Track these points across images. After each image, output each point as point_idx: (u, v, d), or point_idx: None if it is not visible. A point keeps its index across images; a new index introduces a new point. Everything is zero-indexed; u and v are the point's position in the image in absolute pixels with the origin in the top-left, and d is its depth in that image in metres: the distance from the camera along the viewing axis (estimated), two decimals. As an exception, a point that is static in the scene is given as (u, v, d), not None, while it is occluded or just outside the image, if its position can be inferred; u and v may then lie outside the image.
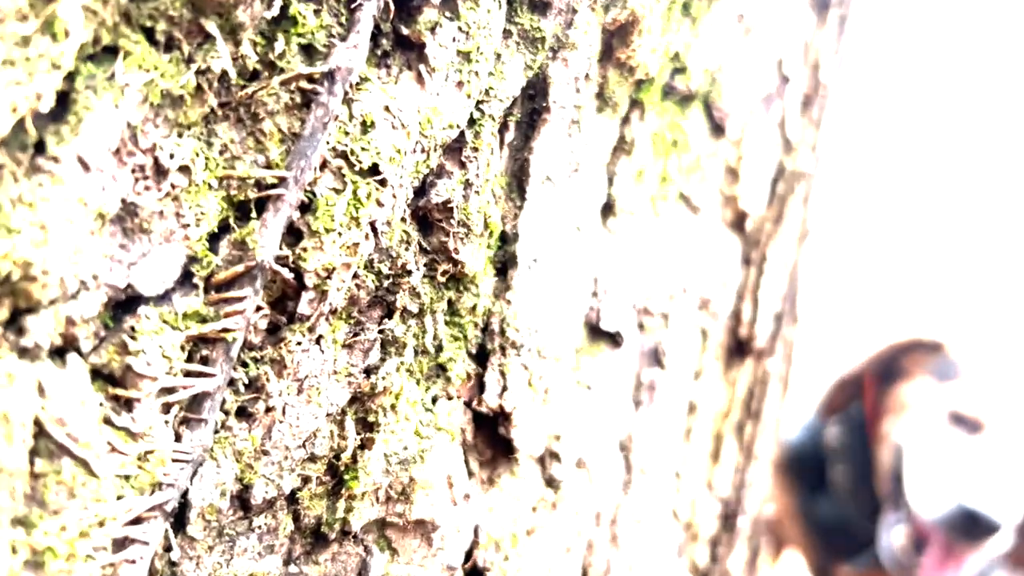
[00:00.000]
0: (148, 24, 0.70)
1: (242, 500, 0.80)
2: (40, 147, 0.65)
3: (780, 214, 1.38)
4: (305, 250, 0.77)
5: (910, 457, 2.12)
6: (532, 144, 0.96)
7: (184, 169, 0.72)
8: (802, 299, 1.56)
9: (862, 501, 2.31)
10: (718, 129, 1.23)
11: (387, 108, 0.80)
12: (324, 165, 0.77)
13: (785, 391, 1.57)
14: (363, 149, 0.78)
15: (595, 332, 1.09)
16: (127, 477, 0.70)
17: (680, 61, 1.13)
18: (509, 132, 0.95)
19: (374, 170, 0.79)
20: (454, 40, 0.84)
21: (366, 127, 0.79)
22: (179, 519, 0.75)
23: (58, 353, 0.68)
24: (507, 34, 0.91)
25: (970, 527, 1.96)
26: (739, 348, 1.37)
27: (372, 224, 0.80)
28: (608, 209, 1.09)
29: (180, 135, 0.72)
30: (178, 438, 0.74)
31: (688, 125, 1.18)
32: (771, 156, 1.34)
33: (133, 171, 0.70)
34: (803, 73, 1.39)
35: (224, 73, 0.74)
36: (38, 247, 0.63)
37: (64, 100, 0.67)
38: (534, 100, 0.96)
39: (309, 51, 0.77)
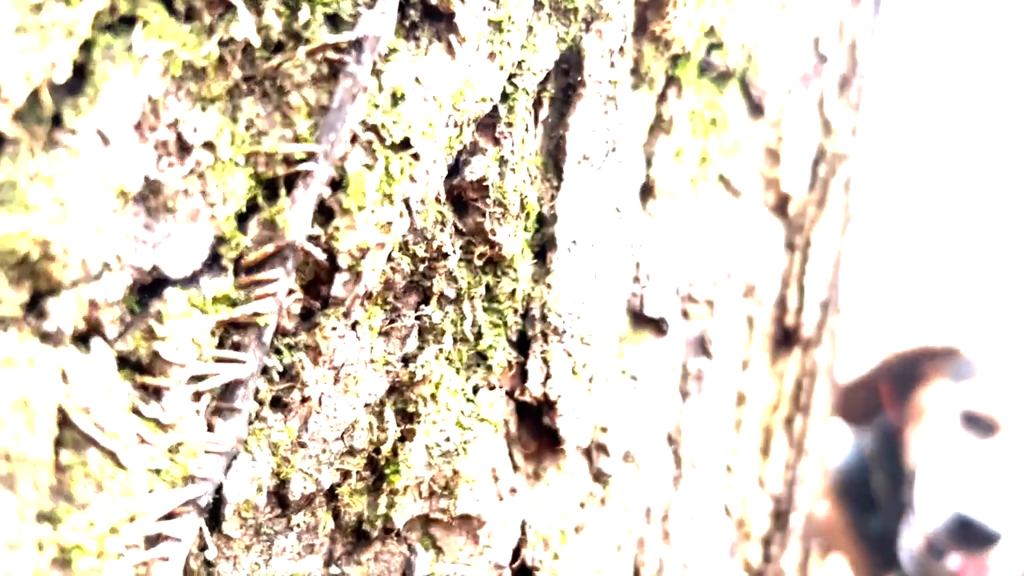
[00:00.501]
0: (167, -7, 0.67)
1: (279, 496, 0.76)
2: (57, 120, 0.62)
3: (823, 198, 1.33)
4: (337, 229, 0.73)
5: (920, 462, 2.06)
6: (568, 120, 0.92)
7: (209, 145, 0.69)
8: (845, 288, 1.50)
9: (897, 510, 2.25)
10: (756, 109, 1.19)
11: (417, 79, 0.76)
12: (354, 139, 0.74)
13: (832, 383, 1.51)
14: (394, 122, 0.75)
15: (638, 319, 1.04)
16: (158, 470, 0.66)
17: (716, 36, 1.09)
18: (543, 109, 0.92)
19: (406, 144, 0.75)
20: (484, 9, 0.81)
21: (396, 99, 0.75)
22: (214, 516, 0.71)
23: (82, 339, 0.64)
24: (538, 6, 0.88)
25: (966, 535, 1.87)
26: (785, 338, 1.31)
27: (406, 201, 0.76)
28: (647, 191, 1.05)
29: (204, 109, 0.69)
30: (210, 429, 0.70)
31: (726, 104, 1.13)
32: (811, 138, 1.29)
33: (155, 147, 0.66)
34: (840, 52, 1.35)
35: (248, 44, 0.70)
36: (57, 224, 0.60)
37: (81, 72, 0.64)
38: (568, 75, 0.92)
39: (335, 21, 0.74)
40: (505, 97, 0.85)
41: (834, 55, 1.32)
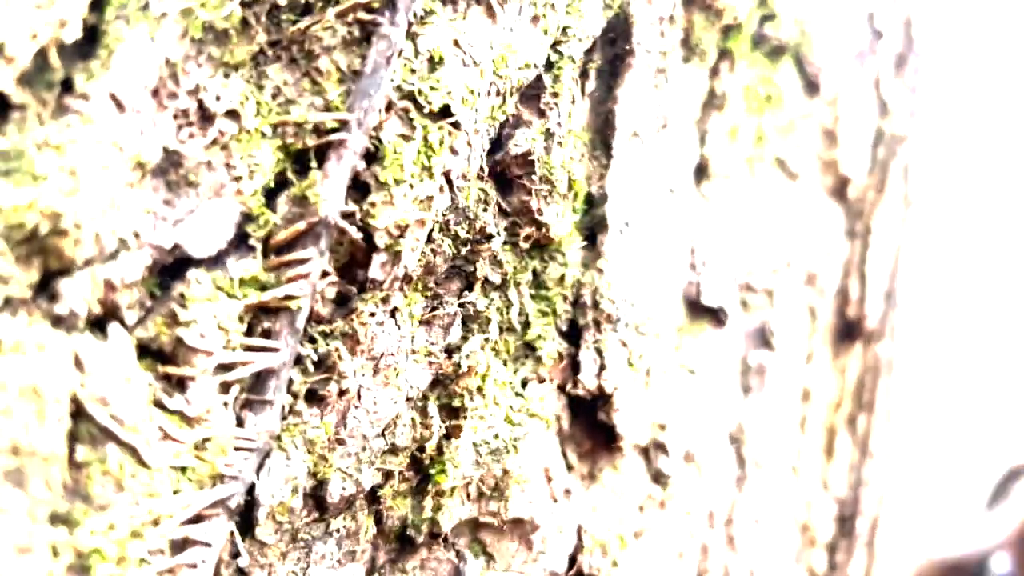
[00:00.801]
0: (185, -52, 0.61)
1: (317, 498, 0.69)
2: (67, 85, 0.57)
3: (883, 181, 1.25)
4: (374, 205, 0.67)
5: None
6: (616, 93, 0.86)
7: (232, 114, 0.63)
8: (907, 280, 1.42)
9: None
10: (812, 86, 1.12)
11: (456, 43, 0.70)
12: (389, 107, 0.68)
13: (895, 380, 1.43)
14: (432, 88, 0.69)
15: (695, 309, 0.97)
16: (183, 468, 0.60)
17: (768, 7, 1.02)
18: (590, 81, 0.85)
19: (445, 112, 0.69)
20: (526, -31, 0.75)
21: (434, 64, 0.69)
22: (246, 520, 0.65)
23: (98, 324, 0.58)
24: (582, -31, 0.82)
25: None
26: (847, 331, 1.23)
27: (446, 175, 0.70)
28: (701, 171, 0.98)
29: (227, 76, 0.63)
30: (240, 423, 0.64)
31: (781, 79, 1.07)
32: (868, 118, 1.22)
33: (175, 116, 0.61)
34: (895, 29, 1.28)
35: (273, 5, 0.65)
36: (68, 196, 0.54)
37: (93, 33, 0.59)
38: (615, 45, 0.86)
39: (366, -20, 0.68)
40: (550, 66, 0.79)
41: (889, 31, 1.25)
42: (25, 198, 0.53)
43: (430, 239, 0.72)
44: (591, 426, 0.86)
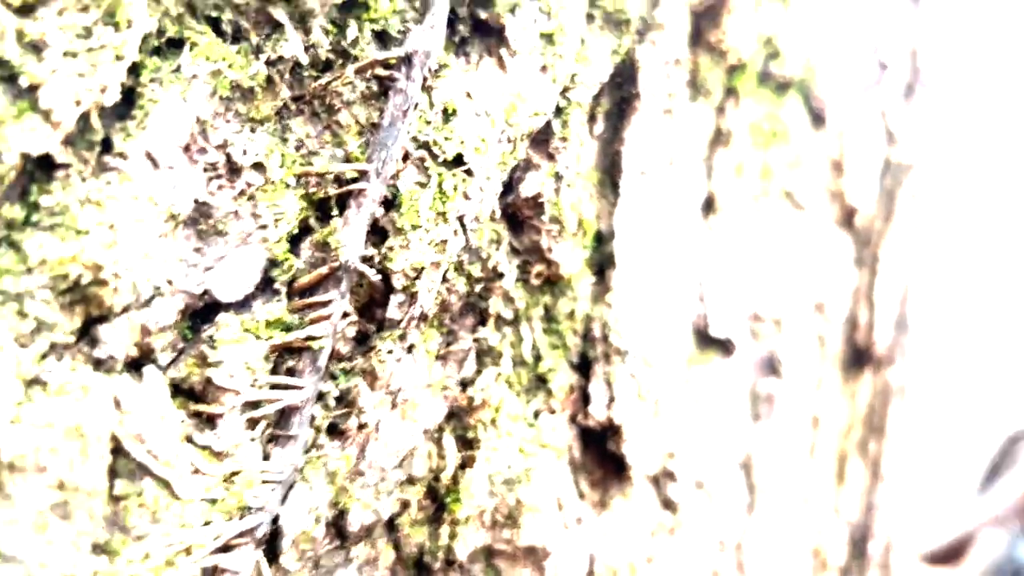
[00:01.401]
0: (214, 14, 0.66)
1: (338, 527, 0.73)
2: (107, 144, 0.61)
3: (890, 210, 1.28)
4: (391, 249, 0.71)
5: None
6: (623, 135, 0.89)
7: (259, 166, 0.67)
8: (916, 305, 1.44)
9: None
10: (818, 119, 1.15)
11: (469, 94, 0.74)
12: (406, 157, 0.72)
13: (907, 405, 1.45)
14: (446, 139, 0.73)
15: (704, 339, 1.00)
16: (213, 500, 0.64)
17: (773, 46, 1.06)
18: (597, 124, 0.89)
19: (459, 160, 0.73)
20: (535, 21, 0.79)
21: (448, 115, 0.73)
22: (271, 548, 0.69)
23: (134, 366, 0.63)
24: (590, 18, 0.86)
25: None
26: (857, 357, 1.26)
27: (460, 219, 0.74)
28: (708, 206, 1.01)
29: (253, 130, 0.68)
30: (266, 457, 0.68)
31: (787, 115, 1.10)
32: (876, 148, 1.25)
33: (205, 169, 0.65)
34: (901, 59, 1.31)
35: (296, 64, 0.69)
36: (108, 249, 0.59)
37: (130, 96, 0.63)
38: (622, 88, 0.90)
39: (383, 38, 0.73)
40: (559, 112, 0.83)
41: (895, 62, 1.28)
42: (69, 251, 0.57)
43: (445, 279, 0.76)
44: (602, 455, 0.90)
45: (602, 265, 0.89)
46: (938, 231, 1.44)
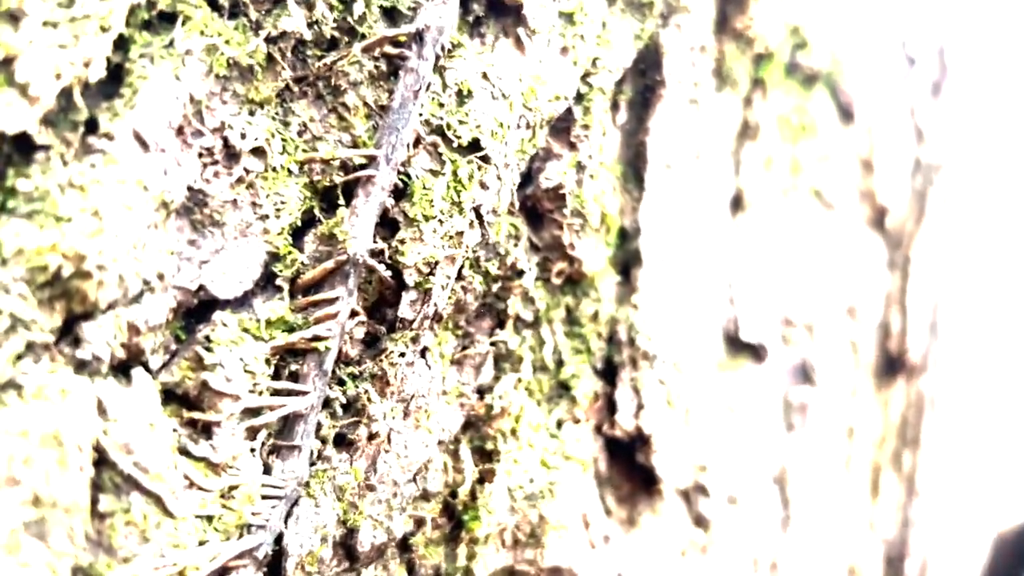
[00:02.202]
0: (209, -14, 0.61)
1: (347, 547, 0.67)
2: (92, 125, 0.56)
3: (922, 210, 1.22)
4: (403, 242, 0.66)
5: None
6: (648, 124, 0.84)
7: (258, 151, 0.62)
8: (949, 310, 1.38)
9: None
10: (846, 115, 1.10)
11: (485, 76, 0.69)
12: (418, 142, 0.66)
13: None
14: (461, 122, 0.67)
15: (734, 344, 0.94)
16: (209, 517, 0.58)
17: (800, 35, 1.00)
18: (620, 113, 0.84)
19: (475, 146, 0.68)
20: (554, 0, 0.74)
21: (463, 97, 0.68)
22: (274, 570, 0.63)
23: (122, 368, 0.57)
24: (611, 1, 0.80)
25: None
26: (889, 365, 1.20)
27: (477, 210, 0.68)
28: (737, 202, 0.96)
29: (252, 112, 0.62)
30: (267, 470, 0.62)
31: (814, 108, 1.05)
32: (905, 146, 1.19)
33: (200, 154, 0.60)
34: (929, 56, 1.25)
35: (298, 41, 0.64)
36: (92, 238, 0.53)
37: (118, 73, 0.58)
38: (646, 75, 0.84)
39: (392, 14, 0.67)
40: (580, 98, 0.77)
41: (923, 59, 1.23)
42: (48, 240, 0.52)
43: (460, 276, 0.70)
44: (629, 468, 0.83)
45: (627, 263, 0.83)
46: (970, 233, 1.38)
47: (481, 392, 0.75)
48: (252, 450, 0.60)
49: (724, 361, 0.93)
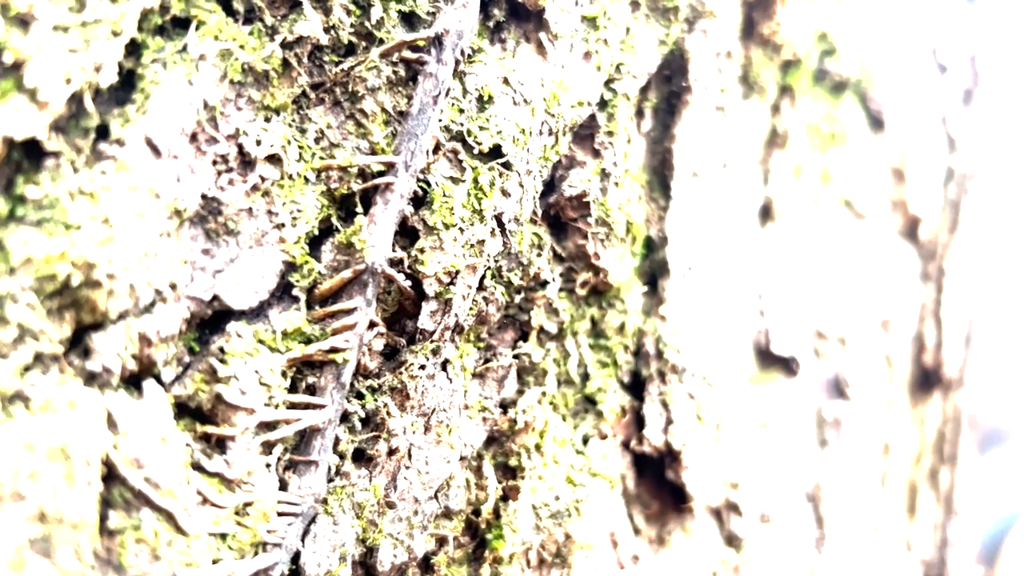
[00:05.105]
0: (224, -10, 0.59)
1: (366, 567, 0.65)
2: (103, 131, 0.55)
3: (955, 221, 1.19)
4: (422, 251, 0.64)
5: None
6: (674, 131, 0.81)
7: (274, 159, 0.60)
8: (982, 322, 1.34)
9: None
10: (876, 123, 1.07)
11: (506, 81, 0.67)
12: (437, 149, 0.65)
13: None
14: (481, 128, 0.65)
15: (765, 357, 0.92)
16: (223, 535, 0.56)
17: (829, 42, 0.98)
18: (645, 120, 0.82)
19: (496, 152, 0.66)
20: (577, 3, 0.72)
21: (483, 103, 0.66)
22: (290, 590, 0.61)
23: (133, 381, 0.55)
24: (635, 5, 0.78)
25: None
26: (924, 379, 1.16)
27: (498, 218, 0.66)
28: (766, 212, 0.93)
29: (267, 119, 0.60)
30: (283, 486, 0.60)
31: (844, 116, 1.02)
32: (937, 155, 1.16)
33: (214, 161, 0.58)
34: (961, 63, 1.22)
35: (315, 46, 0.62)
36: (102, 246, 0.52)
37: (130, 79, 0.56)
38: (671, 81, 0.82)
39: (410, 18, 0.66)
40: (604, 104, 0.76)
41: (954, 66, 1.20)
42: (57, 248, 0.50)
43: (482, 286, 0.68)
44: (659, 485, 0.81)
45: (654, 274, 0.81)
46: (1005, 243, 1.34)
47: (504, 406, 0.73)
48: (268, 465, 0.59)
49: (755, 375, 0.90)
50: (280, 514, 0.58)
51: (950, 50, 1.19)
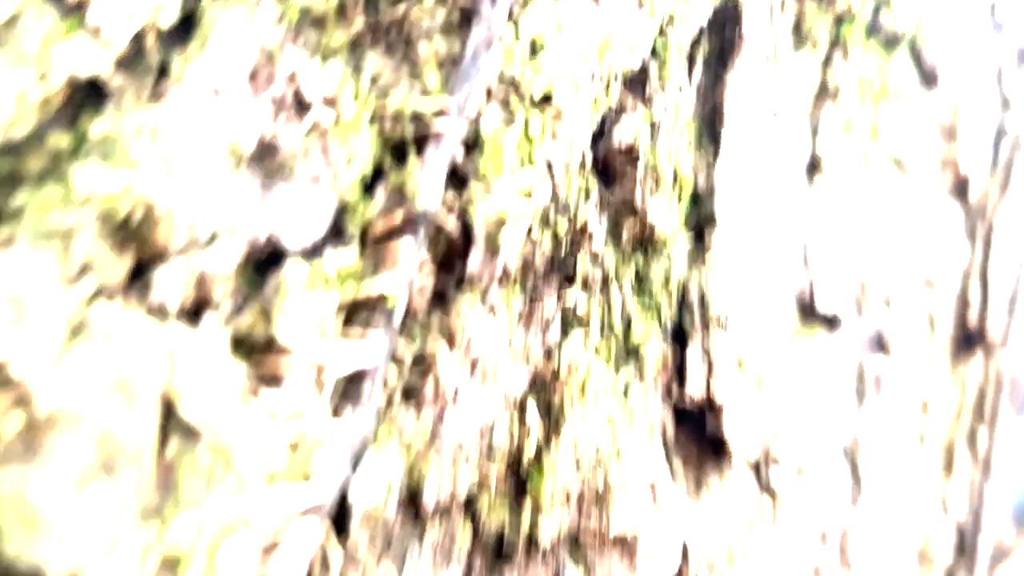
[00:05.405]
0: (282, -69, 0.60)
1: (412, 502, 0.66)
2: (163, 70, 0.55)
3: (1006, 180, 1.17)
4: (472, 196, 0.64)
5: None
6: (725, 79, 0.81)
7: (330, 101, 0.61)
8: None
9: None
10: (928, 79, 1.05)
11: (559, 27, 0.67)
12: (489, 94, 0.65)
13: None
14: (534, 74, 0.66)
15: (808, 311, 0.92)
16: (275, 468, 0.58)
17: (884, -7, 0.96)
18: (696, 70, 0.81)
19: (547, 99, 0.66)
20: (631, -50, 0.71)
21: (536, 49, 0.66)
22: (339, 523, 0.62)
23: (191, 316, 0.56)
24: (688, -47, 0.78)
25: None
26: (967, 339, 1.15)
27: (548, 164, 0.67)
28: (814, 165, 0.92)
29: (324, 61, 0.61)
30: (334, 423, 0.61)
31: (896, 72, 1.00)
32: (989, 114, 1.14)
33: (271, 102, 0.59)
34: (1017, 22, 1.20)
35: (370, -11, 0.63)
36: (162, 183, 0.53)
37: (190, 19, 0.57)
38: (723, 32, 0.82)
39: (466, -37, 0.66)
40: (655, 53, 0.75)
41: (1010, 25, 1.17)
42: (119, 183, 0.51)
43: (529, 233, 0.69)
44: (698, 434, 0.82)
45: (700, 225, 0.81)
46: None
47: (548, 352, 0.73)
48: (320, 402, 0.60)
49: (797, 328, 0.90)
50: (330, 450, 0.60)
51: (1007, 8, 1.16)
